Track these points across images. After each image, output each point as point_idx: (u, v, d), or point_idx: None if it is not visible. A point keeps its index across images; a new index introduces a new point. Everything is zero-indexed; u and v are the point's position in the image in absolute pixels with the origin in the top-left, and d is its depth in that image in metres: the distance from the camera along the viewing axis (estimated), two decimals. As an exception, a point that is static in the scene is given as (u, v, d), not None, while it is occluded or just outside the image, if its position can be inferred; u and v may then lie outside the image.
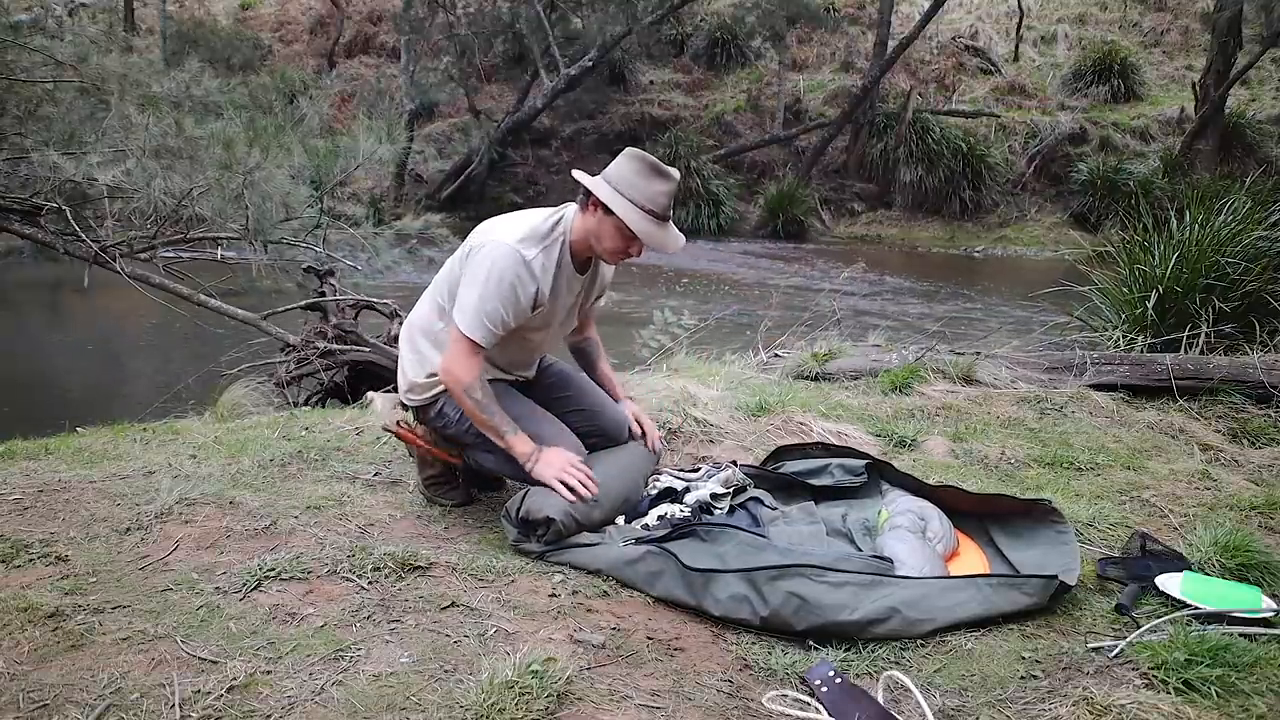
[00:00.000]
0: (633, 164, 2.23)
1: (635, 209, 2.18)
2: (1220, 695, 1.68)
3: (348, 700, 1.52)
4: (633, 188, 2.19)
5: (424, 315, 2.40)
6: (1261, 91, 15.39)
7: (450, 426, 2.38)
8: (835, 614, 1.93)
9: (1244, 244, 4.42)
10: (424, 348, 2.38)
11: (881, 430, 3.34)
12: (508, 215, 2.35)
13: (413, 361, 2.40)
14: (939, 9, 13.96)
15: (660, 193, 2.21)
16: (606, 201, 2.19)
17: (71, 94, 6.11)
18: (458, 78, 14.71)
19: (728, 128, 15.48)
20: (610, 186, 2.21)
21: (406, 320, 2.48)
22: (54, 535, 2.09)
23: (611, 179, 2.22)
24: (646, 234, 2.19)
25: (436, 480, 2.53)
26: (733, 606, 1.97)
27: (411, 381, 2.40)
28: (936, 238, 13.74)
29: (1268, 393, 3.66)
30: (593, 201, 2.23)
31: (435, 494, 2.53)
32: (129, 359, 7.29)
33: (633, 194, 2.19)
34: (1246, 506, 2.68)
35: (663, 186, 2.21)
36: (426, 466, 2.52)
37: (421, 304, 2.44)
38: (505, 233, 2.24)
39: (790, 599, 1.94)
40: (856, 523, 2.43)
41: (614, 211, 2.18)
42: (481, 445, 2.36)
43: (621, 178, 2.21)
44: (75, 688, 1.50)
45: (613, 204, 2.18)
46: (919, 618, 1.95)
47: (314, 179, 6.67)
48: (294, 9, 18.67)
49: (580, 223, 2.28)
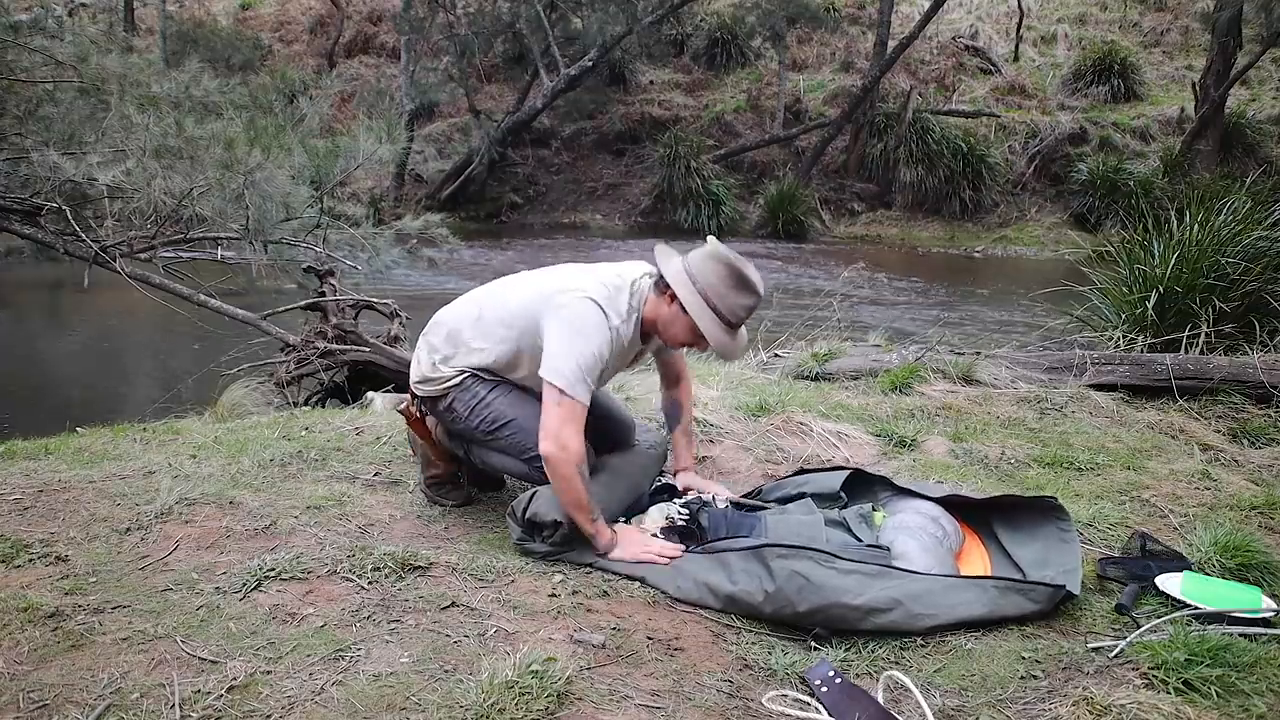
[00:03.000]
0: (721, 269, 2.16)
1: (715, 321, 2.14)
2: (1220, 695, 1.68)
3: (348, 700, 1.52)
4: (718, 296, 2.14)
5: (459, 325, 2.36)
6: (1261, 91, 15.38)
7: (459, 422, 2.35)
8: (838, 596, 1.94)
9: (1244, 244, 4.42)
10: (446, 352, 2.35)
11: (881, 430, 3.34)
12: (582, 271, 2.30)
13: (430, 357, 2.38)
14: (939, 9, 13.96)
15: (744, 307, 2.16)
16: (688, 308, 2.14)
17: (71, 94, 6.10)
18: (458, 78, 14.71)
19: (728, 128, 15.48)
20: (694, 288, 2.14)
21: (437, 317, 2.44)
22: (54, 535, 2.09)
23: (696, 278, 2.16)
24: (720, 345, 2.16)
25: (439, 480, 2.53)
26: (744, 579, 2.00)
27: (425, 374, 2.37)
28: (936, 238, 13.73)
29: (1268, 393, 3.66)
30: (671, 293, 2.18)
31: (437, 494, 2.53)
32: (129, 359, 7.29)
33: (717, 303, 2.14)
34: (1246, 506, 2.68)
35: (748, 301, 2.17)
36: (430, 466, 2.52)
37: (459, 312, 2.40)
38: (591, 291, 2.18)
39: (795, 577, 1.96)
40: (852, 514, 2.43)
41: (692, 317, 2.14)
42: (489, 443, 2.34)
43: (708, 282, 2.15)
44: (75, 688, 1.50)
45: (693, 311, 2.14)
46: (921, 612, 1.95)
47: (314, 179, 6.66)
48: (294, 9, 18.66)
49: (654, 305, 2.24)
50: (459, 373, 2.32)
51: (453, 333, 2.36)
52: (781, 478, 2.81)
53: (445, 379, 2.33)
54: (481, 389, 2.32)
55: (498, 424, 2.31)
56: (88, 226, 5.65)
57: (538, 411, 2.24)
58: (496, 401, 2.31)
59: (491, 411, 2.31)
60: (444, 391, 2.34)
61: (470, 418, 2.32)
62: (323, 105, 7.95)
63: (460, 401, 2.32)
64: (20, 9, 7.35)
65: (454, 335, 2.36)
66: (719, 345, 2.16)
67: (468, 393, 2.32)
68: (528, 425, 2.23)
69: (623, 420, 2.55)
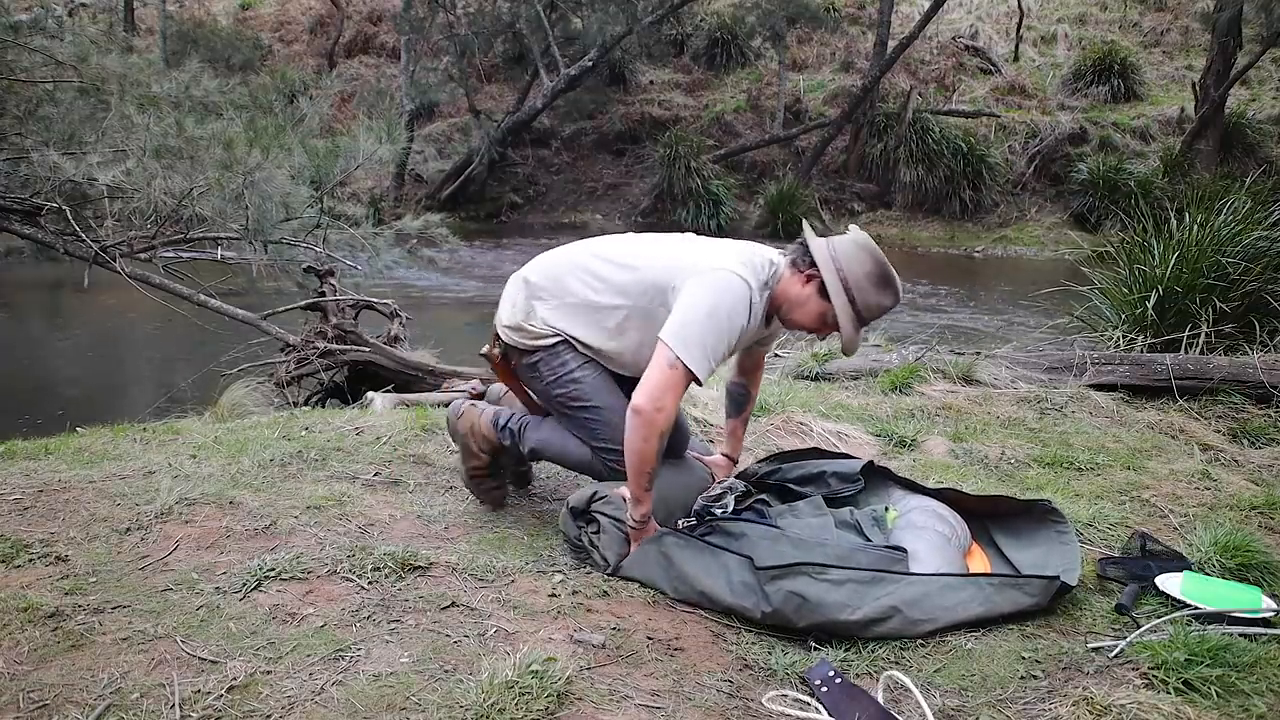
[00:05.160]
0: (869, 262, 2.10)
1: (853, 313, 2.08)
2: (1220, 695, 1.68)
3: (348, 700, 1.52)
4: (861, 290, 2.08)
5: (564, 263, 2.21)
6: (1261, 91, 15.37)
7: (539, 381, 2.24)
8: (836, 613, 1.93)
9: (1244, 244, 4.42)
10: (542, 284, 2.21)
11: (881, 430, 3.34)
12: (727, 244, 2.21)
13: (525, 294, 2.23)
14: (939, 9, 13.95)
15: (882, 307, 2.11)
16: (830, 294, 2.07)
17: (71, 94, 6.10)
18: (458, 78, 14.70)
19: (728, 128, 15.47)
20: (840, 276, 2.08)
21: (539, 264, 2.27)
22: (54, 535, 2.09)
23: (843, 267, 2.09)
24: (850, 339, 2.10)
25: (481, 472, 2.43)
26: (743, 592, 1.98)
27: (519, 323, 2.22)
28: (936, 238, 13.73)
29: (1268, 393, 3.66)
30: (812, 275, 2.11)
31: (476, 486, 2.45)
32: (129, 359, 7.29)
33: (860, 296, 2.08)
34: (1246, 506, 2.69)
35: (887, 302, 2.11)
36: (472, 457, 2.40)
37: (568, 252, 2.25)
38: (737, 265, 2.08)
39: (791, 598, 1.94)
40: (864, 516, 2.43)
41: (830, 301, 2.07)
42: (564, 416, 2.25)
43: (853, 273, 2.09)
44: (75, 688, 1.50)
45: (837, 304, 2.07)
46: (920, 618, 1.95)
47: (314, 179, 6.66)
48: (294, 9, 18.66)
49: (788, 284, 2.15)
50: (555, 335, 2.19)
51: (556, 276, 2.21)
52: (797, 452, 2.81)
53: (538, 335, 2.19)
54: (573, 360, 2.19)
55: (579, 402, 2.20)
56: (88, 226, 5.65)
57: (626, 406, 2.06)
58: (587, 379, 2.20)
59: (579, 388, 2.20)
60: (533, 348, 2.21)
61: (554, 385, 2.20)
62: (323, 105, 7.95)
63: (546, 365, 2.21)
64: (20, 9, 7.35)
65: (558, 278, 2.20)
66: (849, 340, 2.09)
67: (557, 359, 2.20)
68: (612, 419, 2.15)
69: (681, 425, 2.43)
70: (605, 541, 2.15)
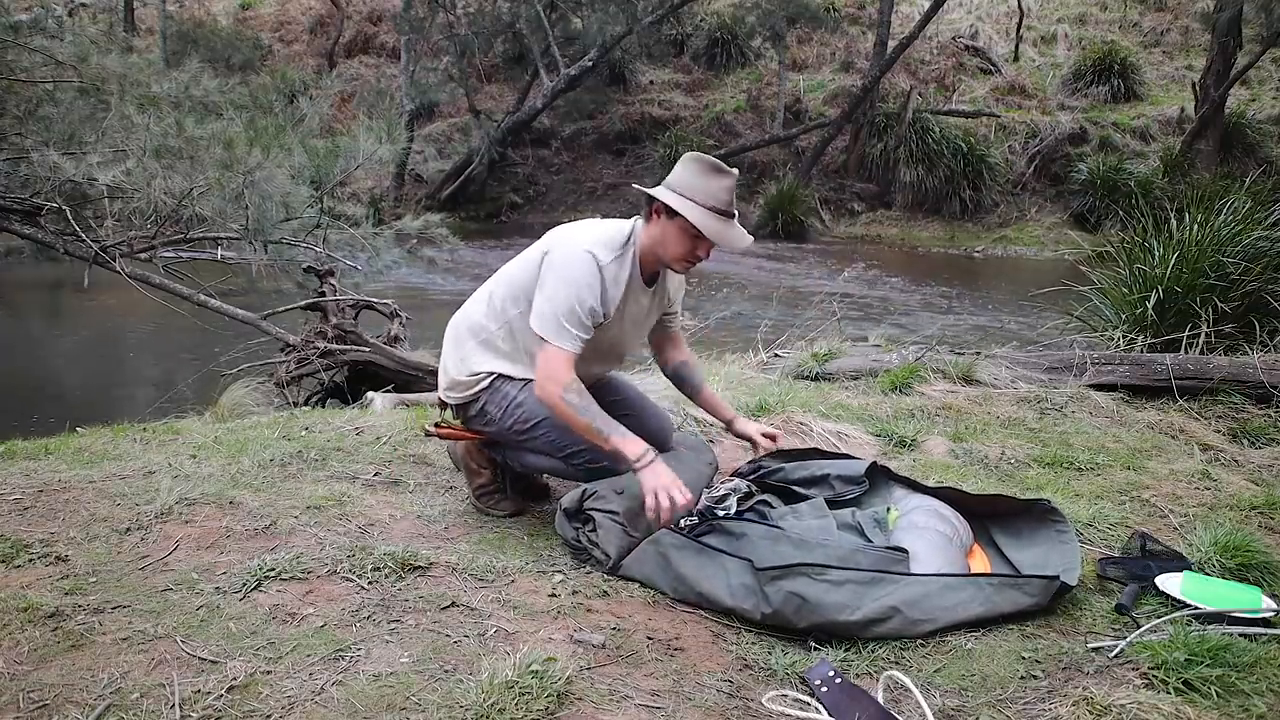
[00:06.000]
0: (691, 165, 2.23)
1: (698, 207, 2.17)
2: (1220, 695, 1.68)
3: (348, 700, 1.52)
4: (693, 188, 2.19)
5: (474, 313, 2.39)
6: (1261, 91, 15.38)
7: (492, 424, 2.35)
8: (836, 613, 1.93)
9: (1244, 244, 4.42)
10: (469, 346, 2.36)
11: (881, 430, 3.34)
12: (578, 224, 2.36)
13: (456, 359, 2.38)
14: (939, 9, 13.96)
15: (722, 188, 2.20)
16: (669, 204, 2.18)
17: (71, 94, 6.11)
18: (458, 78, 14.71)
19: (728, 128, 15.48)
20: (672, 190, 2.21)
21: (454, 319, 2.45)
22: (54, 535, 2.09)
23: (672, 184, 2.22)
24: (712, 231, 2.18)
25: (487, 490, 2.48)
26: (742, 595, 1.98)
27: (453, 379, 2.37)
28: (936, 238, 13.73)
29: (1268, 393, 3.66)
30: (655, 208, 2.24)
31: (486, 504, 2.48)
32: (129, 359, 7.29)
33: (694, 194, 2.18)
34: (1246, 506, 2.68)
35: (724, 182, 2.21)
36: (475, 476, 2.48)
37: (473, 302, 2.43)
38: (580, 239, 2.24)
39: (791, 599, 1.94)
40: (866, 517, 2.42)
41: (678, 213, 2.18)
42: (525, 444, 2.34)
43: (681, 180, 2.21)
44: (75, 688, 1.50)
45: (675, 205, 2.17)
46: (919, 618, 1.94)
47: (314, 179, 6.66)
48: (294, 9, 18.67)
49: (645, 233, 2.28)
50: (487, 374, 2.32)
51: (473, 325, 2.37)
52: (799, 452, 2.82)
53: (474, 381, 2.33)
54: (512, 389, 2.32)
55: (530, 422, 2.30)
56: (88, 226, 5.65)
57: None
58: (528, 400, 2.29)
59: (524, 410, 2.30)
60: (474, 396, 2.34)
61: (504, 419, 2.32)
62: (323, 105, 7.96)
63: (492, 404, 2.32)
64: (20, 9, 7.35)
65: (474, 327, 2.37)
66: (715, 233, 2.18)
67: (498, 394, 2.32)
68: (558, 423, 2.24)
69: (654, 417, 2.51)
70: (603, 537, 2.15)
